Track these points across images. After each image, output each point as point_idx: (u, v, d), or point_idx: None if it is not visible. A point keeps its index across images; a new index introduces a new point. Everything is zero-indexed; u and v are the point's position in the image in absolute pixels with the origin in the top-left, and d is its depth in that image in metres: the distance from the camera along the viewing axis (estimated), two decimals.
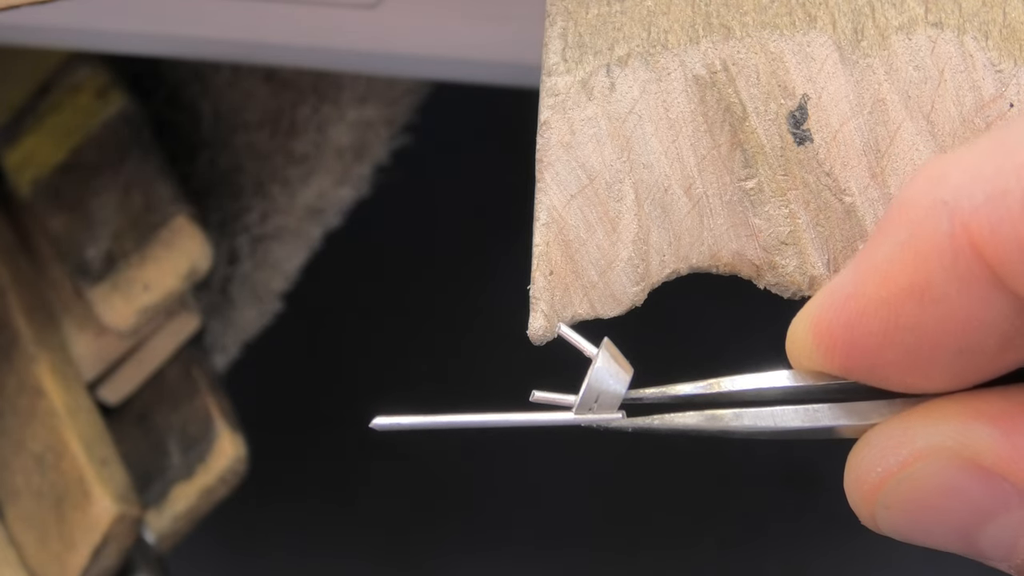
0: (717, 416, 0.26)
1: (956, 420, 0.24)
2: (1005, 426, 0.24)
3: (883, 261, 0.23)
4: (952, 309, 0.22)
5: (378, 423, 0.26)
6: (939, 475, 0.24)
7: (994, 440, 0.24)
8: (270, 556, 0.68)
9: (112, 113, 0.52)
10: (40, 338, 0.51)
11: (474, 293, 0.68)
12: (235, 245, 0.56)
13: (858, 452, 0.25)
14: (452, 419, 0.27)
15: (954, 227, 0.22)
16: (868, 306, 0.23)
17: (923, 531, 0.25)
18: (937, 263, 0.22)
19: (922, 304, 0.23)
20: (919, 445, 0.24)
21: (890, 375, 0.24)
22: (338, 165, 0.55)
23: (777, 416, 0.26)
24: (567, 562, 0.64)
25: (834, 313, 0.24)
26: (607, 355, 0.26)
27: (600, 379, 0.26)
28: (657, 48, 0.29)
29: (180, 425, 0.52)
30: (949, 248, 0.22)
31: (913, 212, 0.23)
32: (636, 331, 0.29)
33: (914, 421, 0.25)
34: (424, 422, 0.27)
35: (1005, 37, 0.28)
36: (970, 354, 0.23)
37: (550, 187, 0.28)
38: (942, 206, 0.22)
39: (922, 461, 0.24)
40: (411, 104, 0.54)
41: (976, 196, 0.22)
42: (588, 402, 0.26)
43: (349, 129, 0.54)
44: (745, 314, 0.58)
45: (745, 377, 0.27)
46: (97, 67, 0.53)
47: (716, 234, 0.29)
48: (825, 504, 0.62)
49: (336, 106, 0.54)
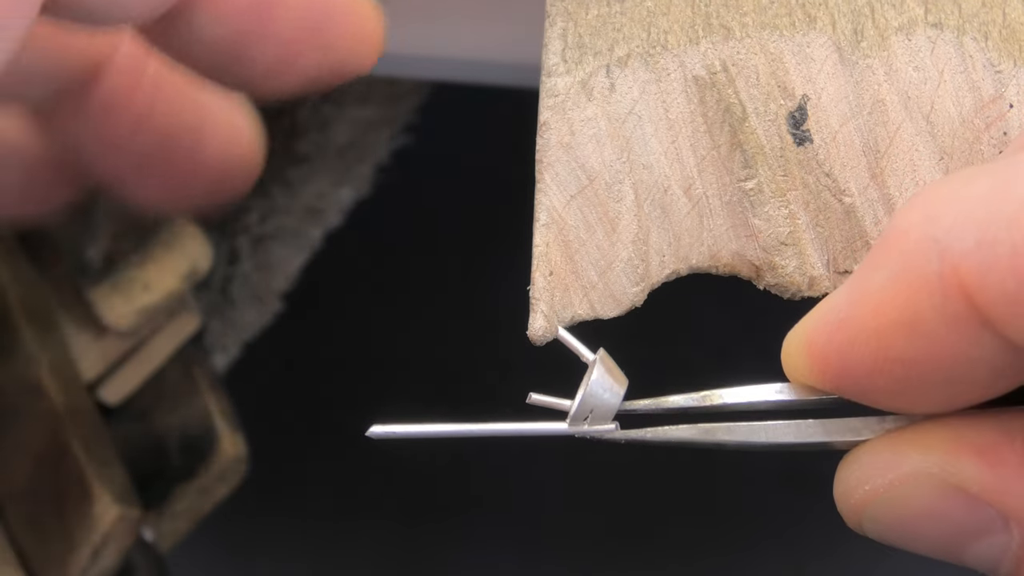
0: (710, 429, 0.27)
1: (944, 447, 0.24)
2: (991, 457, 0.24)
3: (875, 291, 0.23)
4: (941, 345, 0.22)
5: (375, 432, 0.27)
6: (924, 498, 0.24)
7: (980, 471, 0.24)
8: (270, 556, 0.67)
9: None
10: (40, 338, 0.51)
11: (474, 293, 0.67)
12: (235, 245, 0.56)
13: (847, 467, 0.26)
14: (448, 428, 0.27)
15: (944, 267, 0.22)
16: (859, 335, 0.24)
17: (908, 544, 0.25)
18: (927, 300, 0.22)
19: (911, 338, 0.23)
20: (906, 470, 0.25)
21: (881, 399, 0.24)
22: (338, 165, 0.55)
23: (770, 431, 0.26)
24: (567, 562, 0.64)
25: (827, 337, 0.24)
26: (602, 368, 0.26)
27: (595, 393, 0.26)
28: (657, 49, 0.29)
29: (180, 425, 0.52)
30: (938, 287, 0.22)
31: (905, 245, 0.23)
32: (636, 331, 0.29)
33: (903, 444, 0.25)
34: (420, 431, 0.27)
35: (1005, 38, 0.28)
36: (959, 385, 0.23)
37: (550, 188, 0.28)
38: (933, 244, 0.22)
39: (908, 484, 0.25)
40: (411, 104, 0.54)
41: (967, 240, 0.22)
42: (583, 414, 0.26)
43: (349, 129, 0.54)
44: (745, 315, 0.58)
45: (738, 390, 0.27)
46: None
47: (716, 235, 0.29)
48: (825, 504, 0.62)
49: (336, 106, 0.54)
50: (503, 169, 0.43)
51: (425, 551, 0.67)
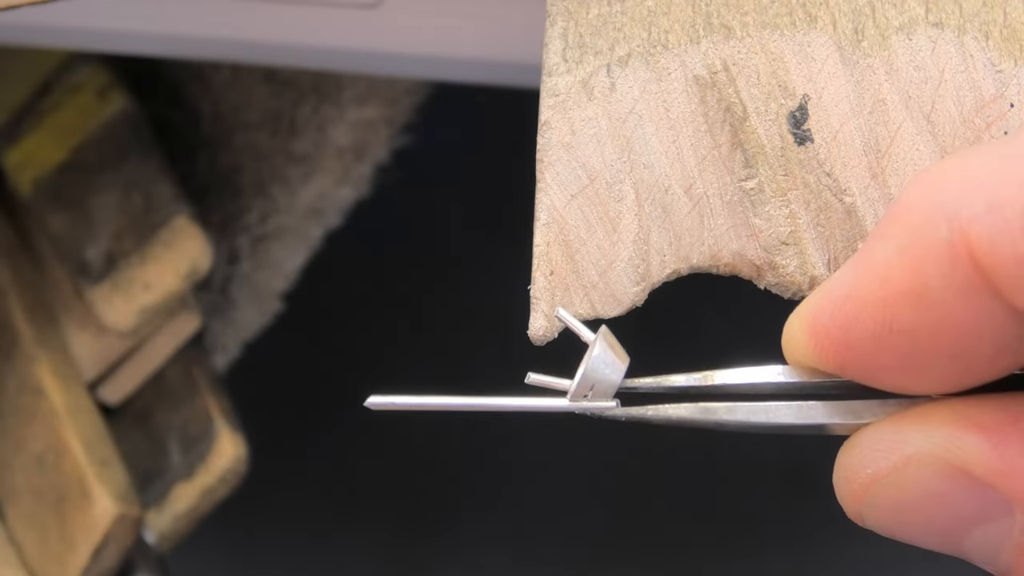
0: (711, 409, 0.26)
1: (948, 428, 0.24)
2: (996, 438, 0.24)
3: (881, 263, 0.23)
4: (948, 315, 0.22)
5: (373, 402, 0.27)
6: (927, 481, 0.24)
7: (984, 451, 0.24)
8: (270, 556, 0.68)
9: (112, 113, 0.52)
10: (40, 338, 0.51)
11: (475, 293, 0.67)
12: (235, 245, 0.56)
13: (849, 451, 0.25)
14: (446, 401, 0.27)
15: (952, 234, 0.22)
16: (864, 308, 0.23)
17: (908, 531, 0.25)
18: (935, 269, 0.22)
19: (918, 309, 0.23)
20: (909, 451, 0.24)
21: (884, 376, 0.24)
22: (338, 165, 0.55)
23: (770, 411, 0.26)
24: (567, 562, 0.64)
25: (830, 313, 0.24)
26: (604, 344, 0.26)
27: (596, 368, 0.26)
28: (658, 48, 0.29)
29: (180, 425, 0.52)
30: (947, 255, 0.22)
31: (913, 216, 0.23)
32: (636, 331, 0.29)
33: (906, 425, 0.25)
34: (419, 403, 0.27)
35: (1005, 37, 0.28)
36: (964, 359, 0.23)
37: (551, 187, 0.28)
38: (941, 212, 0.22)
39: (911, 466, 0.24)
40: (411, 104, 0.54)
41: (976, 205, 0.22)
42: (583, 390, 0.26)
43: (349, 129, 0.54)
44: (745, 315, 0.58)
45: (739, 371, 0.27)
46: (97, 67, 0.53)
47: (716, 234, 0.29)
48: (825, 504, 0.62)
49: (336, 106, 0.54)
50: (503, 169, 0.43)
51: (425, 550, 0.67)
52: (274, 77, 0.55)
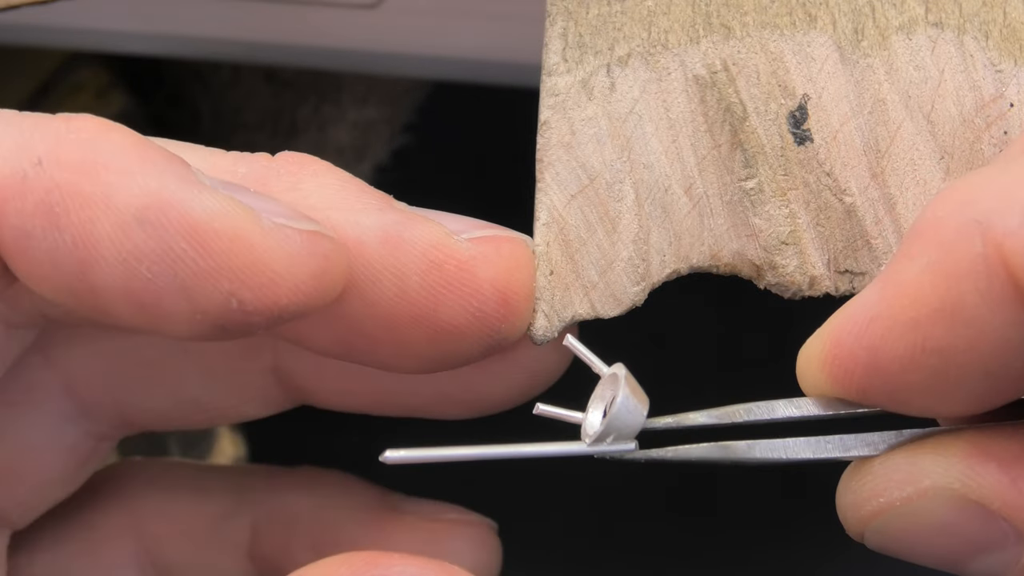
0: (730, 447, 0.26)
1: (967, 461, 0.24)
2: (1014, 472, 0.23)
3: (911, 282, 0.23)
4: (983, 331, 0.22)
5: (388, 457, 0.26)
6: (941, 513, 0.24)
7: (1002, 486, 0.24)
8: None
9: (112, 113, 0.52)
10: None
11: None
12: None
13: (859, 478, 0.25)
14: (464, 452, 0.26)
15: (987, 248, 0.21)
16: (894, 328, 0.23)
17: (912, 555, 0.25)
18: (969, 284, 0.22)
19: (952, 326, 0.22)
20: (926, 484, 0.24)
21: (911, 399, 0.24)
22: (338, 165, 0.55)
23: (789, 448, 0.26)
24: (566, 562, 0.64)
25: (856, 335, 0.24)
26: (627, 391, 0.26)
27: (619, 415, 0.26)
28: (657, 48, 0.29)
29: None
30: (982, 270, 0.22)
31: (943, 232, 0.22)
32: (636, 331, 0.29)
33: (922, 457, 0.24)
34: (435, 455, 0.26)
35: (1005, 37, 0.28)
36: (995, 377, 0.23)
37: (550, 187, 0.28)
38: (975, 226, 0.22)
39: (925, 499, 0.24)
40: (411, 104, 0.54)
41: (1011, 219, 0.21)
42: (605, 437, 0.26)
43: (349, 129, 0.54)
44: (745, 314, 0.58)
45: (759, 406, 0.26)
46: (97, 67, 0.53)
47: (716, 234, 0.29)
48: (825, 504, 0.62)
49: (336, 106, 0.54)
50: (503, 169, 0.43)
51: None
52: (274, 77, 0.55)
